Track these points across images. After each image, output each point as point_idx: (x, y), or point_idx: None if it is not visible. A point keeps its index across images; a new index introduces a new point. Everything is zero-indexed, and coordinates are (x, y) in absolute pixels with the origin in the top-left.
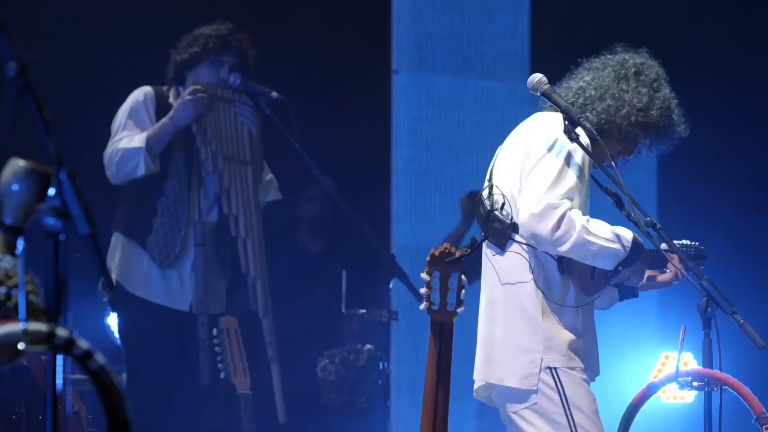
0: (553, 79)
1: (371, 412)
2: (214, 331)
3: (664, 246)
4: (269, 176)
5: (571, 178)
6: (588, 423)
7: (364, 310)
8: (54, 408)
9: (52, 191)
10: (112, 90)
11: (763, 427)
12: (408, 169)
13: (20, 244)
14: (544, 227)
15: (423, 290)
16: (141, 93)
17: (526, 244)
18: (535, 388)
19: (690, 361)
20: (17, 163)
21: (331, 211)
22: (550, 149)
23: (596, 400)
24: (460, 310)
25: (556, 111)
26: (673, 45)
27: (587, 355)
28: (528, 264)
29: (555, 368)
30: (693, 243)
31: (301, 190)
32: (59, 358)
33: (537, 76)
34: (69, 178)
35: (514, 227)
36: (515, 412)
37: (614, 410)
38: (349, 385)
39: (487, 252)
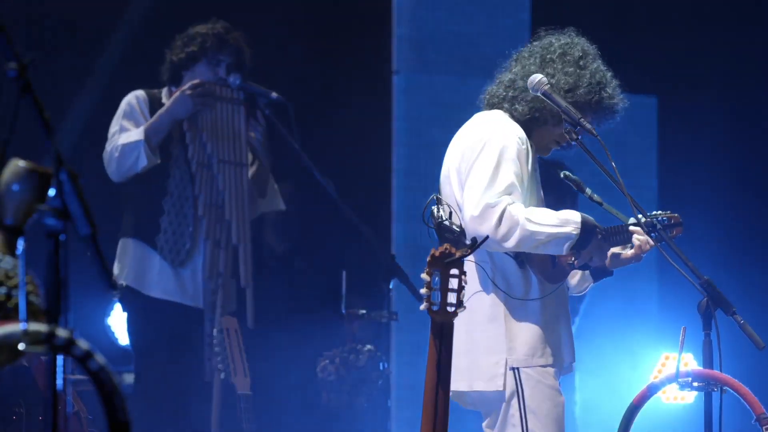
0: None
1: (371, 412)
2: (214, 332)
3: (632, 220)
4: (275, 186)
5: (507, 173)
6: (541, 428)
7: (364, 311)
8: (54, 408)
9: (52, 192)
10: (112, 90)
11: (764, 427)
12: (408, 169)
13: (20, 244)
14: (487, 228)
15: (423, 291)
16: (133, 96)
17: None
18: (502, 389)
19: (690, 362)
20: (17, 164)
21: (296, 210)
22: (482, 149)
23: (560, 401)
24: (460, 310)
25: (494, 109)
26: (673, 44)
27: (558, 345)
28: (482, 266)
29: (518, 369)
30: (666, 212)
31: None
32: (59, 359)
33: (537, 77)
34: (69, 178)
35: (464, 234)
36: (488, 417)
37: (614, 411)
38: (349, 386)
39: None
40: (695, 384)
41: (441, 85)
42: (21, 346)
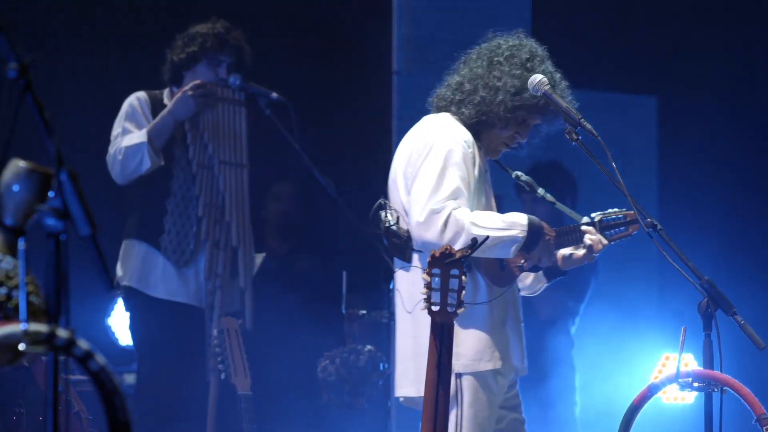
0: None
1: (371, 412)
2: (215, 332)
3: (585, 220)
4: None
5: (452, 178)
6: None
7: (364, 311)
8: (54, 408)
9: (52, 192)
10: (112, 90)
11: (764, 427)
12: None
13: (21, 244)
14: (432, 234)
15: (423, 291)
16: (134, 98)
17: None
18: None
19: (690, 362)
20: (18, 164)
21: (298, 210)
22: (428, 154)
23: (495, 411)
24: (460, 310)
25: (441, 112)
26: (673, 44)
27: (506, 348)
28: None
29: (460, 375)
30: (621, 210)
31: (269, 188)
32: (59, 359)
33: (537, 77)
34: (69, 178)
35: (411, 238)
36: None
37: (615, 411)
38: (350, 386)
39: (398, 265)
40: (695, 384)
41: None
42: (21, 347)
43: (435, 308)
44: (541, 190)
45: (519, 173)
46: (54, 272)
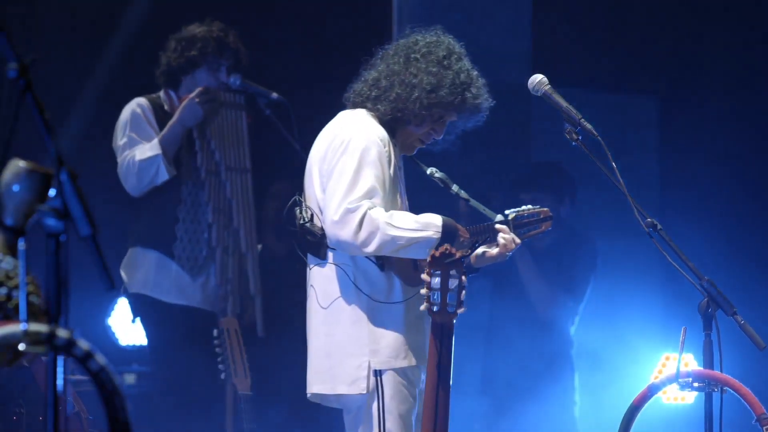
0: (554, 79)
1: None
2: (215, 332)
3: (499, 218)
4: None
5: (368, 177)
6: (398, 429)
7: None
8: (54, 408)
9: (52, 192)
10: (112, 90)
11: (764, 427)
12: (408, 169)
13: (21, 244)
14: (347, 233)
15: (423, 291)
16: (136, 105)
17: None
18: (365, 392)
19: (691, 362)
20: (18, 164)
21: None
22: (344, 152)
23: (415, 402)
24: (460, 310)
25: (358, 108)
26: (674, 44)
27: (422, 345)
28: (344, 269)
29: (380, 372)
30: (535, 207)
31: (268, 188)
32: (59, 359)
33: (537, 77)
34: (69, 178)
35: (326, 236)
36: (351, 419)
37: (615, 411)
38: None
39: (311, 263)
40: (696, 384)
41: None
42: (21, 347)
43: (435, 308)
44: (455, 187)
45: (433, 170)
46: (54, 272)
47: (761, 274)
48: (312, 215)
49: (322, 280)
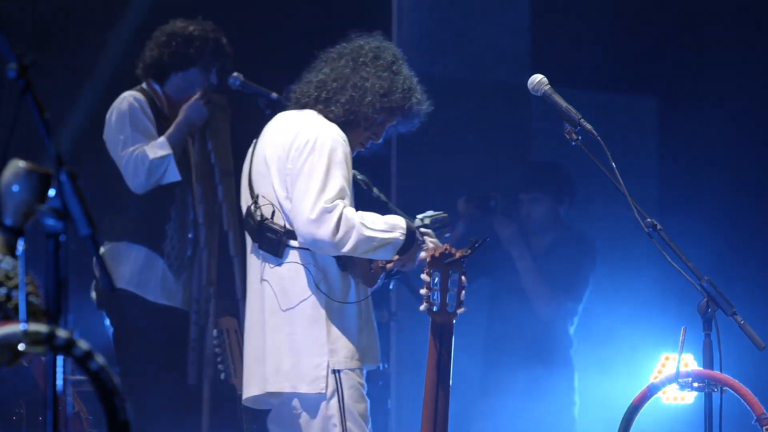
0: (554, 79)
1: (371, 412)
2: (215, 332)
3: (417, 222)
4: None
5: (338, 177)
6: (357, 428)
7: None
8: (54, 408)
9: (52, 192)
10: (112, 90)
11: (764, 428)
12: (408, 169)
13: (20, 245)
14: (324, 232)
15: (423, 291)
16: (132, 99)
17: (302, 248)
18: (324, 391)
19: (690, 362)
20: (17, 164)
21: None
22: (311, 151)
23: (367, 399)
24: (460, 311)
25: (305, 109)
26: (674, 44)
27: (370, 347)
28: (307, 268)
29: (338, 371)
30: (437, 213)
31: None
32: (59, 359)
33: (537, 77)
34: (69, 178)
35: (288, 234)
36: (308, 418)
37: (615, 411)
38: None
39: (264, 264)
40: (695, 384)
41: (441, 85)
42: (21, 347)
43: (435, 308)
44: (376, 190)
45: (355, 172)
46: (54, 272)
47: (761, 274)
48: (273, 212)
49: (280, 280)
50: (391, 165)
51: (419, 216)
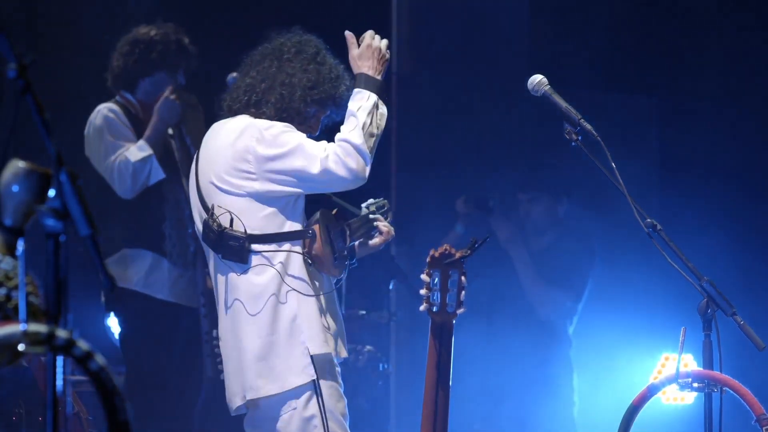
0: (554, 79)
1: (371, 412)
2: (215, 332)
3: (364, 210)
4: None
5: (297, 135)
6: (340, 429)
7: (363, 311)
8: (54, 408)
9: (52, 192)
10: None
11: (764, 428)
12: (408, 170)
13: (20, 245)
14: (341, 176)
15: (423, 291)
16: (106, 111)
17: (265, 250)
18: (314, 377)
19: (690, 363)
20: (17, 164)
21: None
22: (273, 140)
23: (345, 401)
24: (459, 311)
25: (238, 115)
26: (674, 44)
27: (339, 336)
28: (274, 269)
29: (313, 357)
30: (378, 200)
31: None
32: (59, 359)
33: (537, 78)
34: (69, 179)
35: (251, 238)
36: (287, 419)
37: (614, 411)
38: (349, 386)
39: (230, 275)
40: (695, 384)
41: (441, 85)
42: (21, 347)
43: (434, 309)
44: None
45: None
46: (54, 272)
47: (761, 274)
48: (231, 219)
49: (249, 286)
50: (391, 165)
51: (364, 204)
